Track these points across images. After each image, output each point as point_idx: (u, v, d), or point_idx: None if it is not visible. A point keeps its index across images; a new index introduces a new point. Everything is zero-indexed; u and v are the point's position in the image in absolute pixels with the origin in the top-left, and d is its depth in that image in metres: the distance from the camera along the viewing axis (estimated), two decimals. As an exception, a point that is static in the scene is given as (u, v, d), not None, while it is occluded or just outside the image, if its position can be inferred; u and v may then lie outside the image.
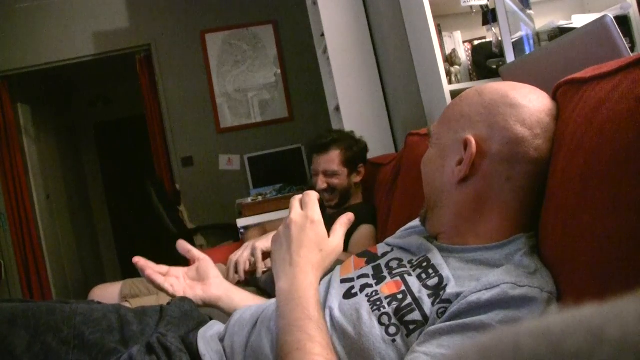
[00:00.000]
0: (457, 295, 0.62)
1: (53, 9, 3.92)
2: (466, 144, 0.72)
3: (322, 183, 1.84)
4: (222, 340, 0.80)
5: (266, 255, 1.42)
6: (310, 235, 0.71)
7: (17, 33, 3.87)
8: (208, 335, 0.81)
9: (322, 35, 2.62)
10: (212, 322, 0.89)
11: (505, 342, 0.18)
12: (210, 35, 4.01)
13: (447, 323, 0.59)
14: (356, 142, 1.91)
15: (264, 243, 1.44)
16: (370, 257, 0.84)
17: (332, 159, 1.84)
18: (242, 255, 1.40)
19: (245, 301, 0.96)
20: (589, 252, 0.56)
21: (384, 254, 0.83)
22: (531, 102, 0.70)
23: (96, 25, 3.97)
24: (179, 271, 1.01)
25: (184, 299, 0.94)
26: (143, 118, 4.26)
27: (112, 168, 5.61)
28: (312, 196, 0.76)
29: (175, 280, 0.98)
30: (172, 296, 0.96)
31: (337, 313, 0.68)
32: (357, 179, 1.89)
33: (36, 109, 4.40)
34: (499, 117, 0.71)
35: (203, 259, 1.02)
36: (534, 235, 0.70)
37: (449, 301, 0.62)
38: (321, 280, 0.81)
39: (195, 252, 1.03)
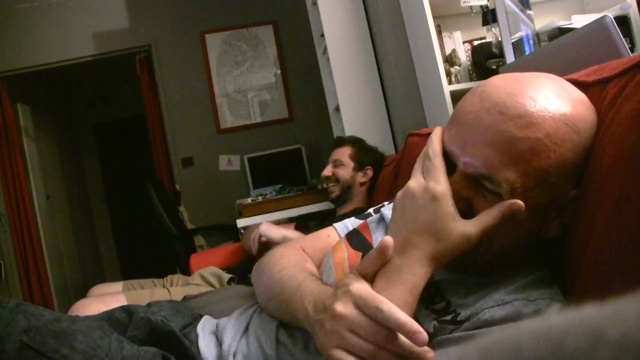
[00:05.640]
0: (469, 315, 0.60)
1: (53, 9, 3.91)
2: (571, 200, 0.60)
3: (327, 171, 2.01)
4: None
5: (264, 245, 1.54)
6: (427, 217, 0.56)
7: (17, 33, 3.86)
8: (207, 335, 0.81)
9: (322, 35, 2.61)
10: (206, 317, 0.88)
11: (505, 342, 0.18)
12: (210, 35, 4.01)
13: (456, 334, 0.58)
14: (372, 150, 2.05)
15: (268, 229, 1.68)
16: (365, 251, 0.78)
17: (343, 152, 2.01)
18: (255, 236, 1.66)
19: None
20: (590, 252, 0.56)
21: None
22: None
23: (96, 25, 3.97)
24: None
25: (170, 300, 0.95)
26: (143, 118, 4.25)
27: (112, 168, 5.60)
28: (437, 159, 0.59)
29: None
30: None
31: None
32: (362, 179, 1.97)
33: (36, 109, 4.39)
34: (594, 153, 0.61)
35: None
36: (543, 244, 0.68)
37: (462, 322, 0.61)
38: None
39: None
